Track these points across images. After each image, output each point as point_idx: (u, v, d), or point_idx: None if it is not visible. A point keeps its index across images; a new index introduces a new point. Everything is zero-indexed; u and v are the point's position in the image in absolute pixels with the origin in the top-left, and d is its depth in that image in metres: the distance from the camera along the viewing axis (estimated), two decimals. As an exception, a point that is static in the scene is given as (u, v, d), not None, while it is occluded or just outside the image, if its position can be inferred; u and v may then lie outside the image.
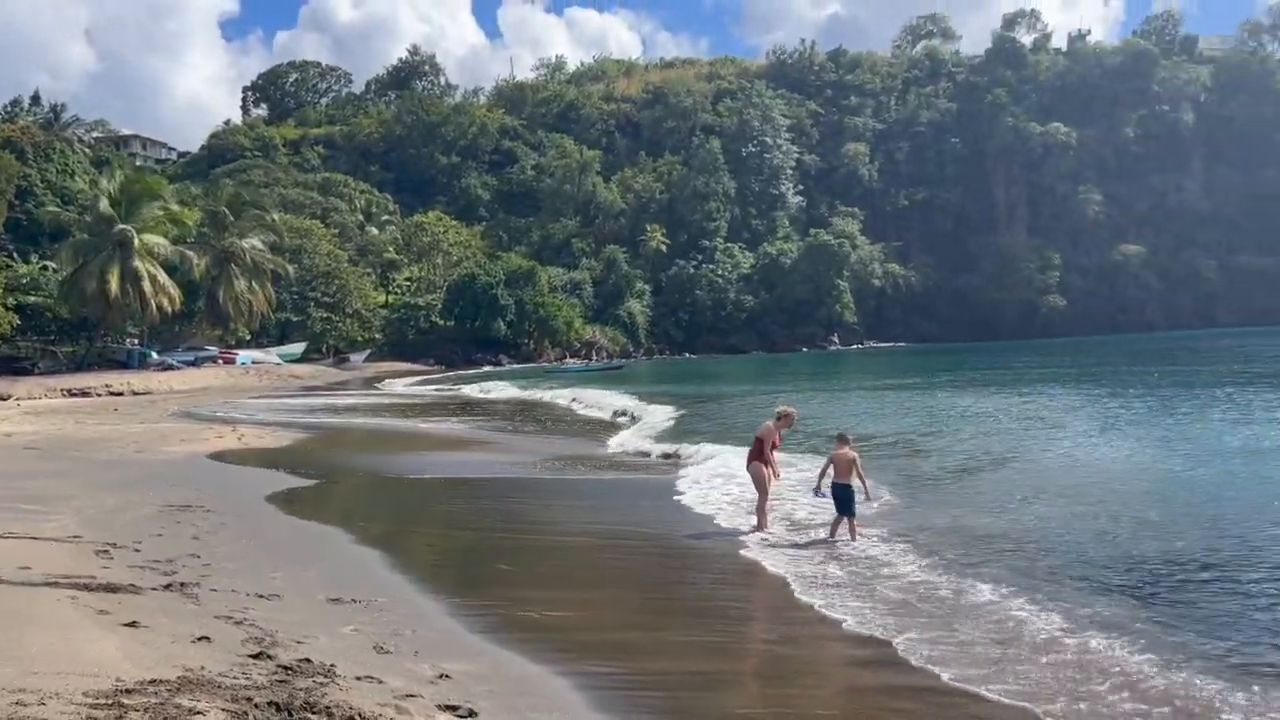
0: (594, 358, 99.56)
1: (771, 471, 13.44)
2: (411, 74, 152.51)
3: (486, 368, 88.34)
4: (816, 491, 13.07)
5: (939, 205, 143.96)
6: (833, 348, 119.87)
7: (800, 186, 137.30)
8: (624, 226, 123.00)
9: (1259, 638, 8.39)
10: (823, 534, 12.76)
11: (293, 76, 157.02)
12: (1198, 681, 7.36)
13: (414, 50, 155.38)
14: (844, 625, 9.05)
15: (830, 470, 12.81)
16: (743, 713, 7.05)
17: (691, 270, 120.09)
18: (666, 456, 22.32)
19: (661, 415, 31.58)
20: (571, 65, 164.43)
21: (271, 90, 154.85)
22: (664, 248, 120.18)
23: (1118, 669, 7.66)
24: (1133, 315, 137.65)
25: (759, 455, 13.41)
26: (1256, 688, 7.22)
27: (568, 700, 7.01)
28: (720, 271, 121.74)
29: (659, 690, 7.37)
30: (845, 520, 12.55)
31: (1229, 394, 31.60)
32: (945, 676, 7.59)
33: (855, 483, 12.57)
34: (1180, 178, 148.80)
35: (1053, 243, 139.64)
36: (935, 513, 14.03)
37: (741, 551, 12.26)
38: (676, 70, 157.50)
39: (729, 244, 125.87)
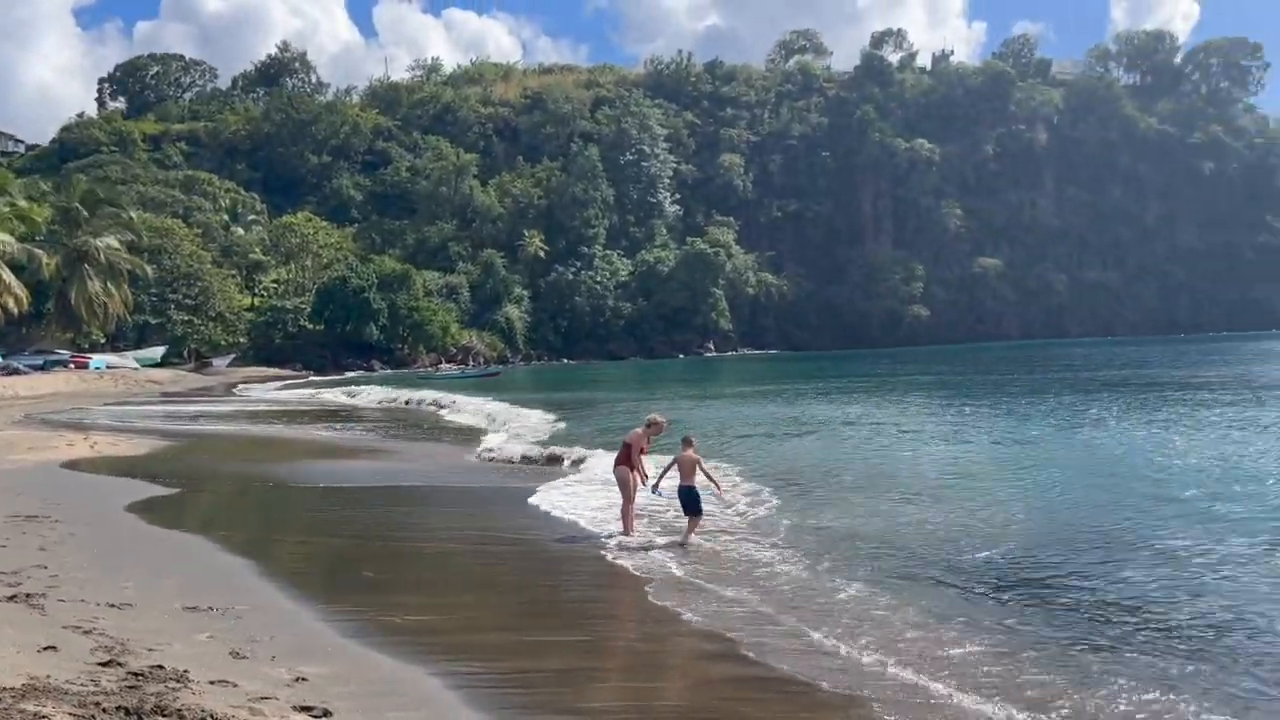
0: (470, 363, 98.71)
1: (638, 476, 13.72)
2: (281, 71, 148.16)
3: (358, 373, 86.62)
4: (654, 489, 13.41)
5: (810, 217, 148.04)
6: (709, 354, 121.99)
7: (677, 195, 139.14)
8: (502, 231, 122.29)
9: (1096, 625, 9.07)
10: (681, 537, 13.12)
11: (154, 69, 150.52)
12: (1036, 671, 7.89)
13: (284, 46, 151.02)
14: (695, 623, 9.39)
15: (674, 471, 13.16)
16: (599, 706, 7.29)
17: (570, 276, 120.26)
18: (534, 461, 22.46)
19: (535, 421, 31.66)
20: (448, 67, 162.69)
21: (130, 83, 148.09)
22: (543, 253, 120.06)
23: (959, 660, 8.17)
24: (990, 325, 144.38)
25: (625, 460, 13.64)
26: (1095, 668, 7.85)
27: (430, 699, 7.11)
28: (599, 278, 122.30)
29: (522, 688, 7.55)
30: (690, 521, 12.94)
31: (1073, 401, 33.66)
32: (787, 669, 7.99)
33: (700, 484, 13.02)
34: (1034, 195, 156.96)
35: (917, 255, 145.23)
36: (796, 514, 14.58)
37: (605, 555, 12.52)
38: (555, 76, 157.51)
39: (608, 251, 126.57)
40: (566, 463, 21.47)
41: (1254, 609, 9.24)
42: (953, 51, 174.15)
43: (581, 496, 16.76)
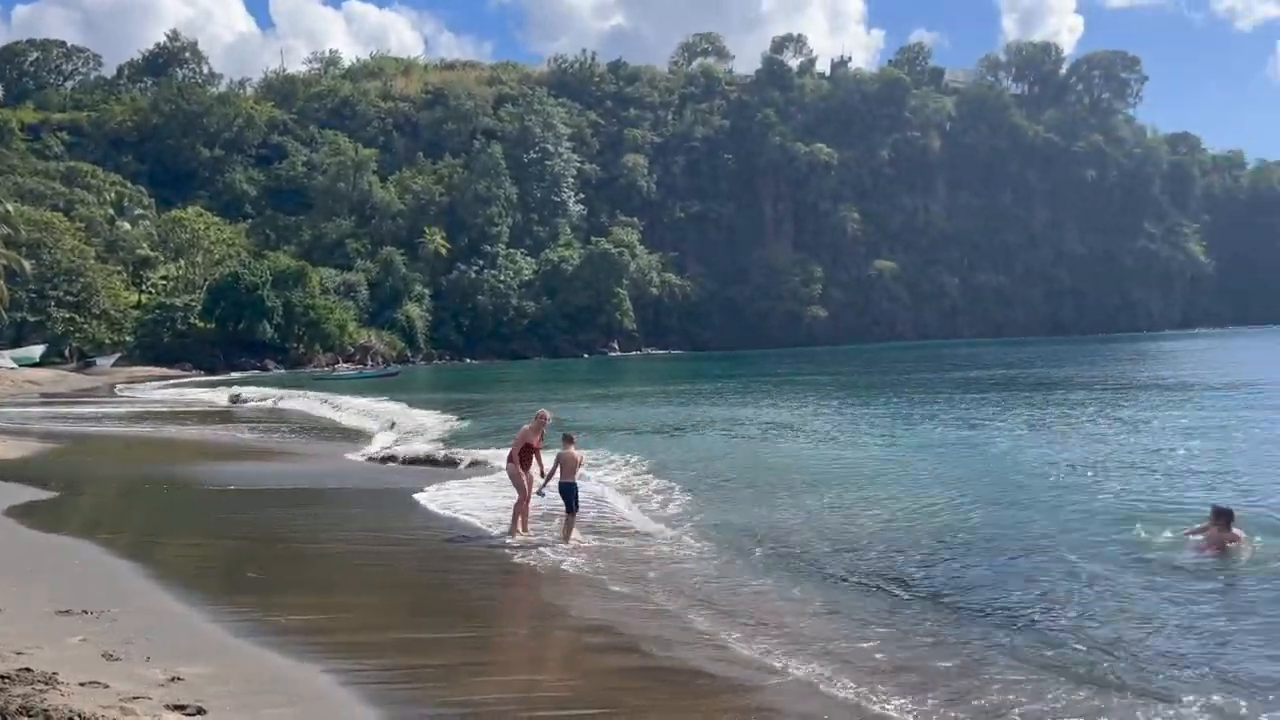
0: (369, 363, 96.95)
1: (531, 475, 13.57)
2: (171, 60, 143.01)
3: (251, 372, 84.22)
4: (540, 492, 13.45)
5: (713, 218, 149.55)
6: (613, 354, 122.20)
7: (581, 195, 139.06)
8: (402, 228, 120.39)
9: (974, 614, 9.46)
10: (576, 534, 13.18)
11: (33, 55, 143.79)
12: (918, 659, 8.21)
13: (174, 36, 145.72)
14: (584, 618, 9.50)
15: (558, 471, 13.23)
16: (483, 698, 7.34)
17: (473, 275, 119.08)
18: (423, 462, 22.27)
19: (430, 421, 31.39)
20: (348, 60, 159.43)
21: (7, 69, 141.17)
22: (444, 251, 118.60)
23: (845, 649, 8.43)
24: (885, 326, 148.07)
25: (517, 457, 13.63)
26: (977, 639, 8.20)
27: (310, 696, 7.07)
28: (502, 277, 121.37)
29: (406, 683, 7.55)
30: (568, 517, 13.06)
31: (962, 400, 34.85)
32: (675, 660, 8.15)
33: (580, 480, 13.29)
34: (928, 200, 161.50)
35: (815, 257, 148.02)
36: (692, 511, 14.81)
37: (496, 553, 12.56)
38: (457, 72, 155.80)
39: (511, 250, 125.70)
40: (458, 463, 21.34)
41: (1125, 600, 9.75)
42: (851, 58, 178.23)
43: (473, 496, 16.74)
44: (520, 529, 13.39)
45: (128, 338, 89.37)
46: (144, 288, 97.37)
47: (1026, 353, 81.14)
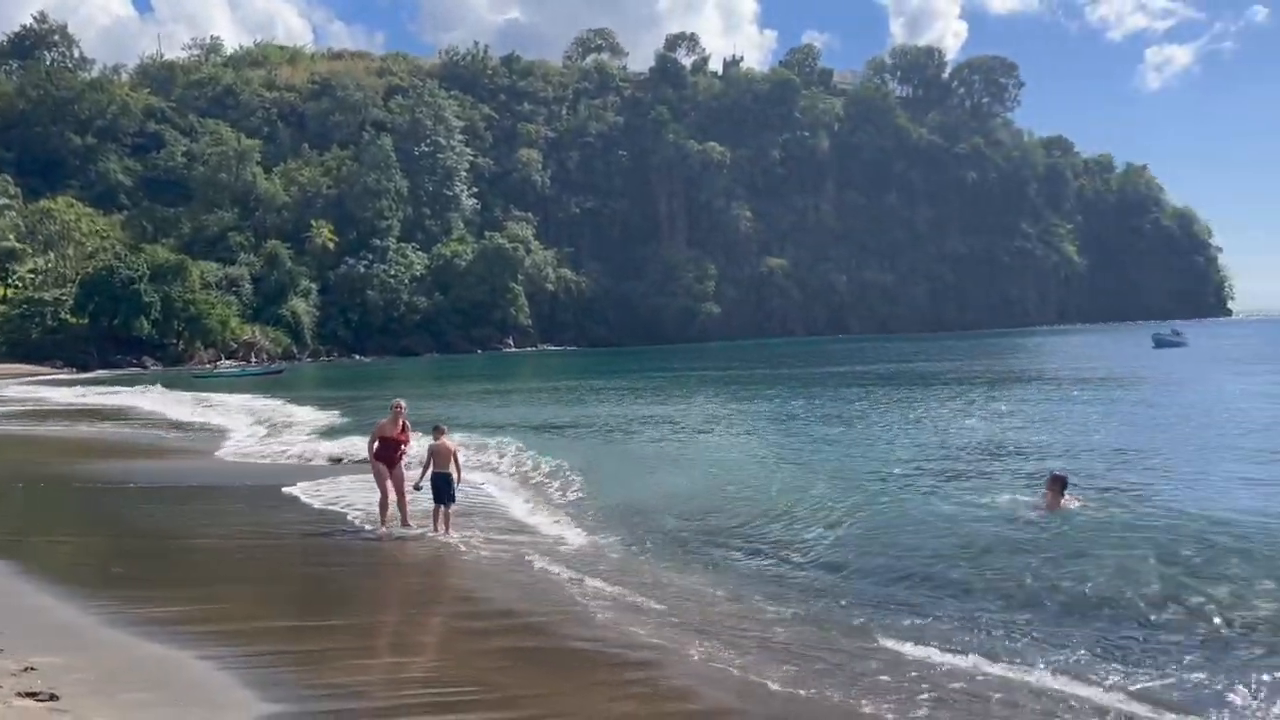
0: (253, 360, 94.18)
1: (399, 470, 13.28)
2: (38, 43, 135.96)
3: (128, 370, 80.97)
4: (416, 486, 13.29)
5: (608, 214, 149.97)
6: (508, 350, 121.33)
7: (474, 189, 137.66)
8: (287, 221, 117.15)
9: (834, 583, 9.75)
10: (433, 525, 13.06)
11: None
12: (796, 627, 8.44)
13: (41, 18, 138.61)
14: (461, 602, 9.50)
15: (431, 462, 13.09)
16: (355, 679, 7.30)
17: (362, 269, 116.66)
18: (298, 458, 21.83)
19: (307, 417, 30.76)
20: (230, 48, 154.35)
21: None
22: (332, 245, 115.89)
23: (727, 624, 8.61)
24: (777, 322, 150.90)
25: (379, 453, 13.24)
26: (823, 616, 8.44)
27: (167, 682, 6.91)
28: (393, 272, 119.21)
29: (272, 668, 7.45)
30: (442, 509, 12.94)
31: (846, 391, 35.82)
32: (554, 636, 8.22)
33: (453, 471, 13.03)
34: (817, 199, 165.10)
35: (709, 254, 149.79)
36: (572, 498, 14.86)
37: (369, 544, 12.42)
38: (346, 62, 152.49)
39: (402, 244, 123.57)
40: (338, 459, 20.94)
41: (969, 539, 10.17)
42: (743, 58, 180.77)
43: (345, 489, 16.50)
44: (386, 522, 13.06)
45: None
46: (9, 282, 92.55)
47: (909, 348, 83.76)
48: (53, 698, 5.99)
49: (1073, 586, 8.66)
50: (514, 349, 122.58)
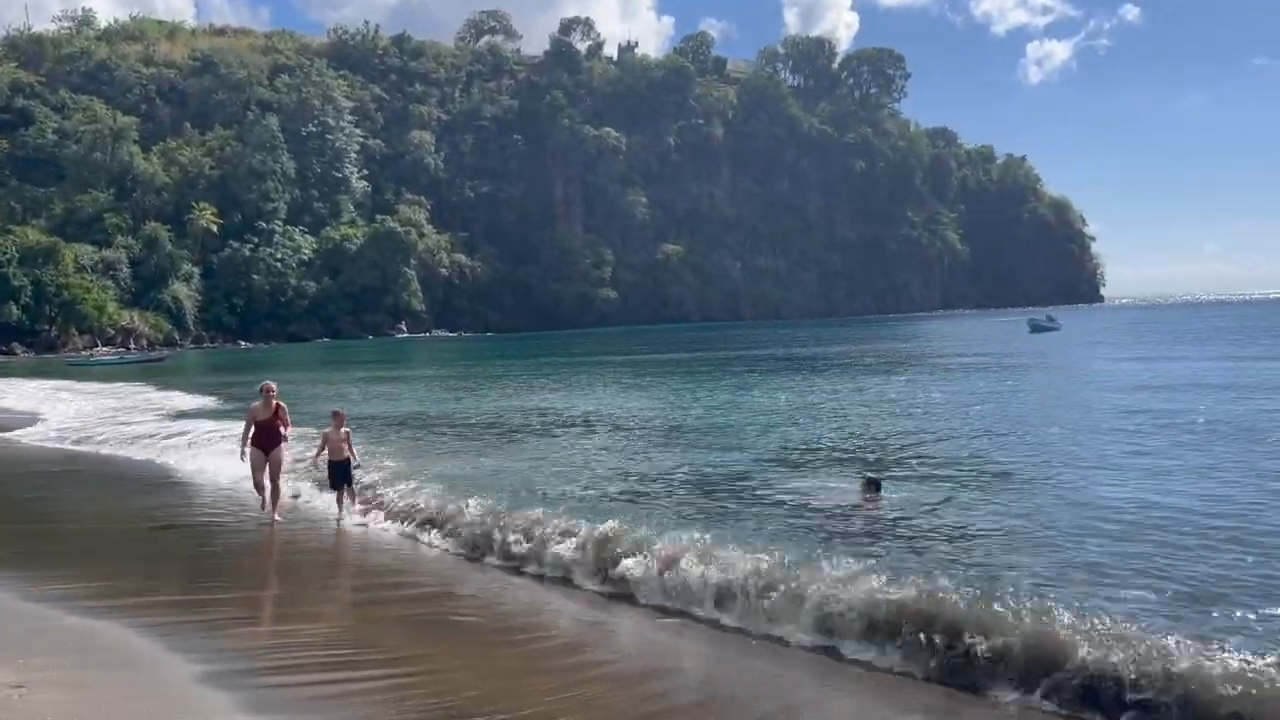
0: (132, 347, 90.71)
1: (278, 454, 12.92)
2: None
3: (-5, 357, 77.11)
4: (316, 464, 13.34)
5: (503, 199, 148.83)
6: (400, 335, 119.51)
7: (365, 171, 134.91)
8: (167, 202, 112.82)
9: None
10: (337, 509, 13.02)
11: None
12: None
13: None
14: (356, 574, 9.58)
15: (325, 450, 13.04)
16: (246, 645, 7.38)
17: (247, 253, 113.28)
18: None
19: (188, 404, 30.05)
20: (104, 21, 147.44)
21: None
22: (215, 228, 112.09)
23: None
24: (673, 308, 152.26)
25: (255, 439, 12.89)
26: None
27: (101, 649, 7.05)
28: (279, 255, 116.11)
29: (165, 636, 7.45)
30: (345, 489, 12.96)
31: (730, 374, 36.55)
32: (447, 604, 8.39)
33: (349, 456, 13.04)
34: (712, 186, 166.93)
35: (605, 239, 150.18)
36: (460, 481, 14.92)
37: (258, 525, 12.34)
38: (229, 39, 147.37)
39: (289, 227, 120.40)
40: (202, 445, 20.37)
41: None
42: (638, 43, 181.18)
43: (222, 468, 16.26)
44: (264, 507, 12.80)
45: None
46: None
47: (803, 333, 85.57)
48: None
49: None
50: (406, 334, 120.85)
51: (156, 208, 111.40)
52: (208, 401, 30.03)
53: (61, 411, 29.33)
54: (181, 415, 26.00)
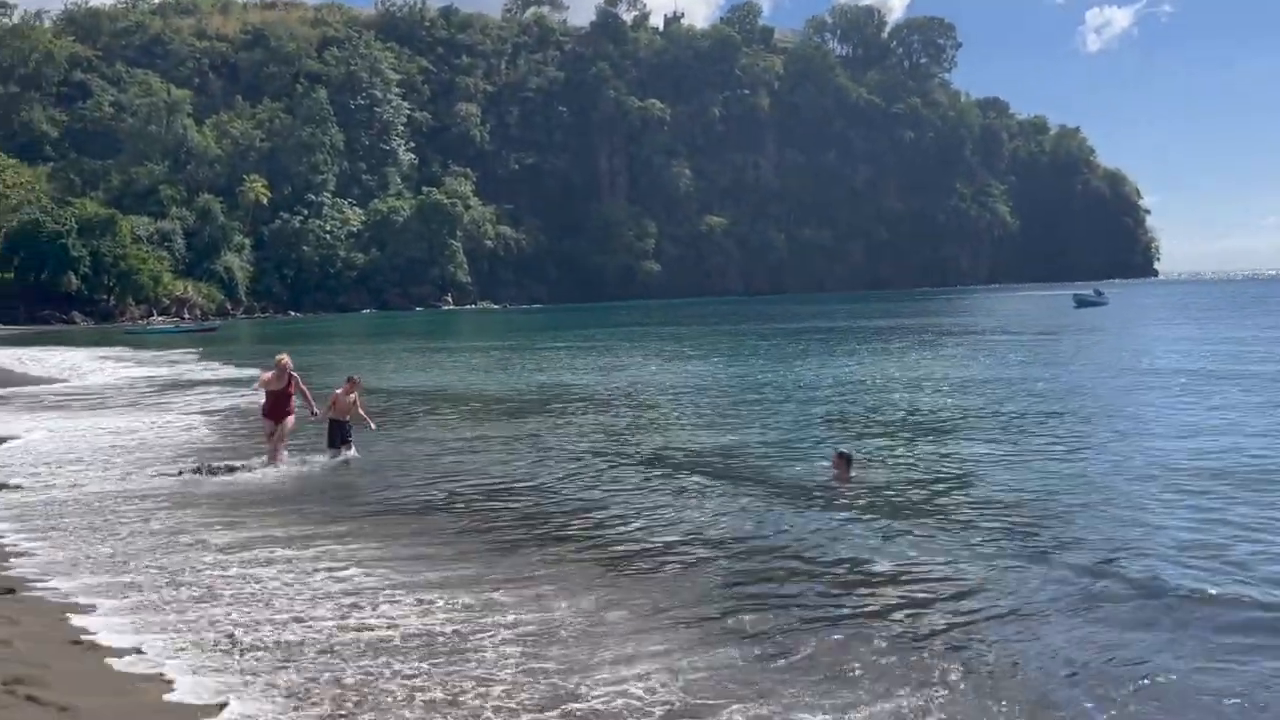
0: (185, 316, 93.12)
1: (285, 424, 13.66)
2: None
3: (56, 326, 79.70)
4: (314, 414, 14.11)
5: (548, 170, 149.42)
6: (446, 307, 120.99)
7: (412, 143, 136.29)
8: (220, 175, 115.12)
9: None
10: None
11: None
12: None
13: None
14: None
15: (331, 409, 14.00)
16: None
17: (297, 225, 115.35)
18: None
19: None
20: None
21: None
22: (265, 200, 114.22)
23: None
24: (716, 280, 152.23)
25: (266, 407, 13.80)
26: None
27: None
28: (328, 227, 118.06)
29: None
30: (343, 446, 13.88)
31: (783, 349, 36.95)
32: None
33: (355, 419, 14.01)
34: (757, 156, 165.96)
35: (649, 211, 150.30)
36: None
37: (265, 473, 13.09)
38: (279, 12, 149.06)
39: (338, 199, 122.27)
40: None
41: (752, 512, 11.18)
42: (683, 14, 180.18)
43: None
44: (276, 460, 13.54)
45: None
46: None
47: (838, 307, 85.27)
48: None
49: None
50: (452, 306, 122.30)
51: (209, 180, 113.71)
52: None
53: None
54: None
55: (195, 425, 19.02)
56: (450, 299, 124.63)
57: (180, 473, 13.09)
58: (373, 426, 14.45)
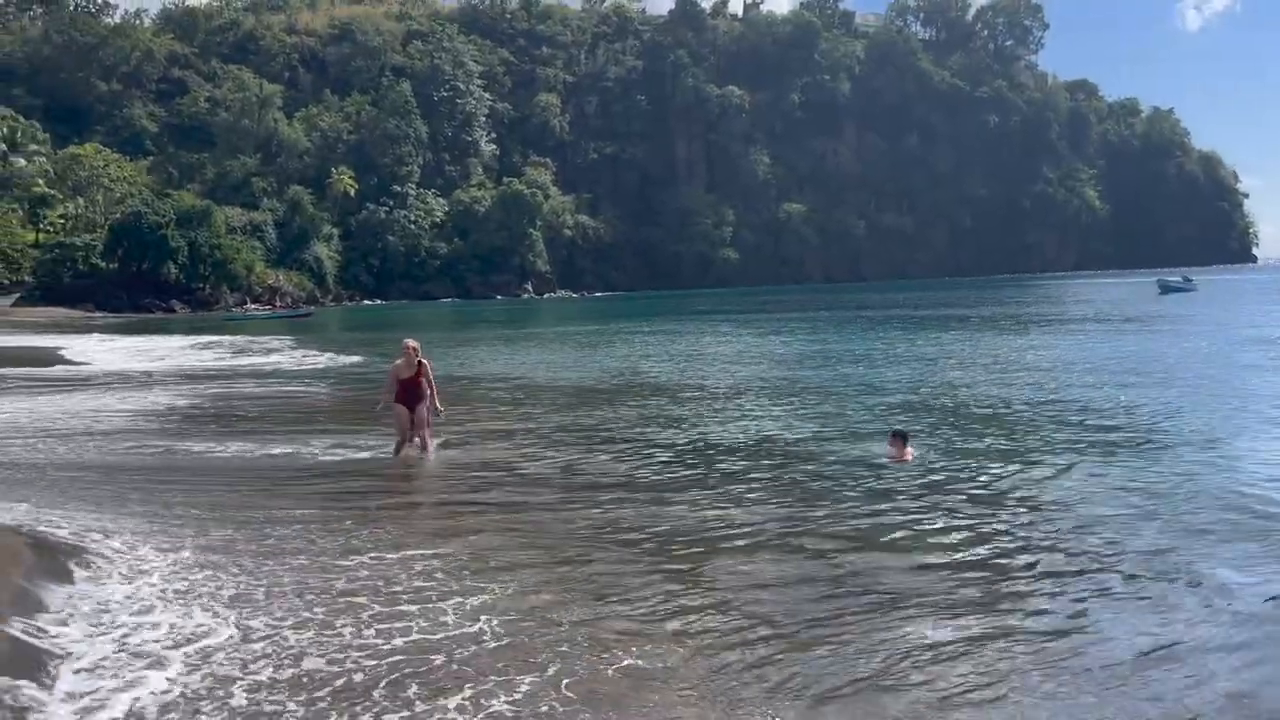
0: (277, 304, 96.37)
1: (418, 411, 13.58)
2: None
3: (158, 314, 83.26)
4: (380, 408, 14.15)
5: (626, 160, 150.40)
6: (526, 296, 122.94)
7: (493, 134, 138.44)
8: (309, 167, 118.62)
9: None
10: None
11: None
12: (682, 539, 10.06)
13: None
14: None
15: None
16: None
17: (383, 215, 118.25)
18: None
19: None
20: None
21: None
22: (352, 191, 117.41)
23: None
24: (794, 268, 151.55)
25: (399, 396, 13.61)
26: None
27: None
28: (413, 217, 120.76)
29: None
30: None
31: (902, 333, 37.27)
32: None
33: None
34: (836, 143, 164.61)
35: (727, 199, 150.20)
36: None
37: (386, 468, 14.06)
38: (365, 7, 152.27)
39: (422, 190, 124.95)
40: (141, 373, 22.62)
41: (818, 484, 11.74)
42: (763, 0, 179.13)
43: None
44: (408, 450, 13.62)
45: (27, 277, 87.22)
46: (41, 226, 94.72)
47: (915, 295, 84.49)
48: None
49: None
50: (531, 295, 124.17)
51: (299, 172, 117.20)
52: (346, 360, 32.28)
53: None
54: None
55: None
56: (530, 287, 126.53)
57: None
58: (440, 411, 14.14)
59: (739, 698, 5.79)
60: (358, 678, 5.93)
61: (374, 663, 6.14)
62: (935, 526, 9.43)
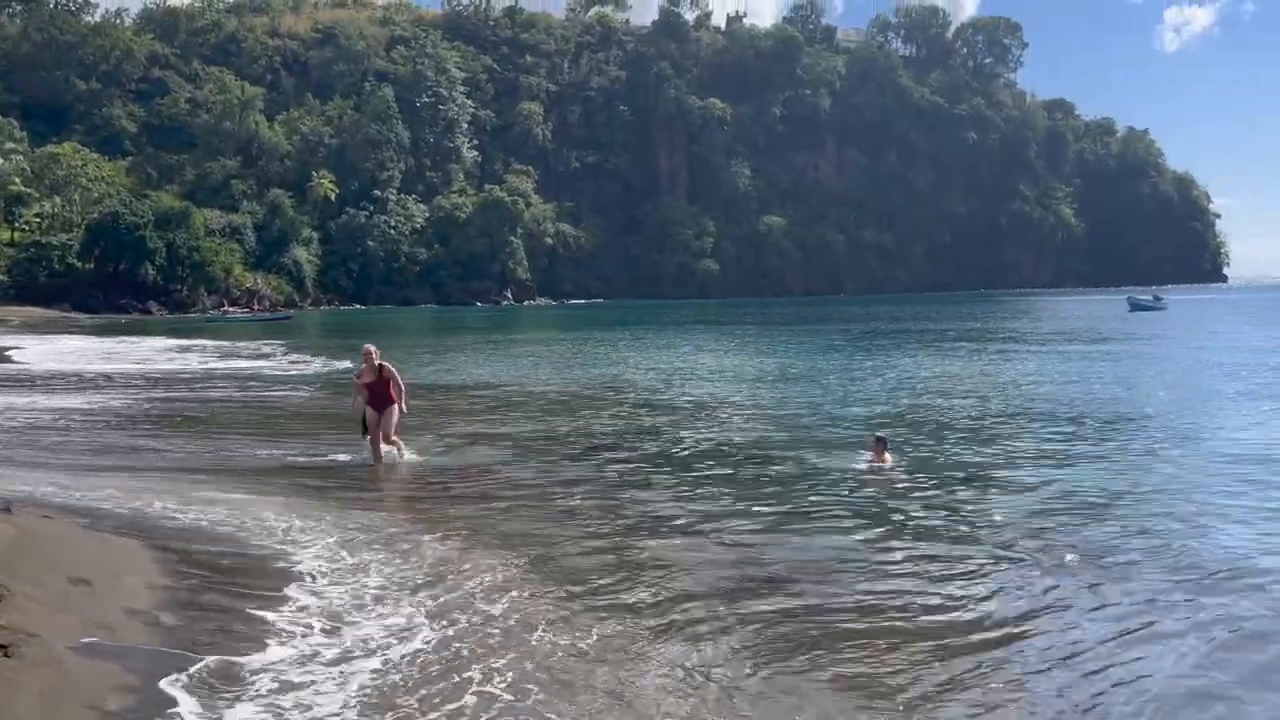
0: (255, 307, 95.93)
1: (388, 412, 13.58)
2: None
3: (134, 315, 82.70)
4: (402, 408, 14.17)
5: (608, 169, 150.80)
6: (506, 303, 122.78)
7: (475, 141, 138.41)
8: (289, 170, 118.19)
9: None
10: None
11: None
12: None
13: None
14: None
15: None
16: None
17: (363, 220, 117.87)
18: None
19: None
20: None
21: None
22: (333, 195, 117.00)
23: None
24: (774, 281, 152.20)
25: (369, 401, 13.71)
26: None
27: None
28: (393, 223, 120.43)
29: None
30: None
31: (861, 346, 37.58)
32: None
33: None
34: (817, 158, 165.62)
35: (708, 211, 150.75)
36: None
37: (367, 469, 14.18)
38: (348, 11, 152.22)
39: (403, 195, 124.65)
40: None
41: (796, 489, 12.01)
42: (745, 14, 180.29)
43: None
44: (376, 461, 13.66)
45: (2, 276, 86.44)
46: (16, 225, 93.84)
47: (889, 310, 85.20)
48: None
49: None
50: (511, 302, 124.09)
51: (279, 175, 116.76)
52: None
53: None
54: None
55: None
56: (509, 294, 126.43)
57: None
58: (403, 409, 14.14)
59: (710, 678, 6.08)
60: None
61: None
62: (903, 521, 10.05)
